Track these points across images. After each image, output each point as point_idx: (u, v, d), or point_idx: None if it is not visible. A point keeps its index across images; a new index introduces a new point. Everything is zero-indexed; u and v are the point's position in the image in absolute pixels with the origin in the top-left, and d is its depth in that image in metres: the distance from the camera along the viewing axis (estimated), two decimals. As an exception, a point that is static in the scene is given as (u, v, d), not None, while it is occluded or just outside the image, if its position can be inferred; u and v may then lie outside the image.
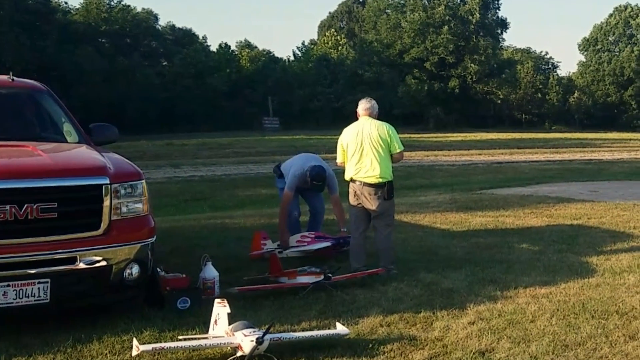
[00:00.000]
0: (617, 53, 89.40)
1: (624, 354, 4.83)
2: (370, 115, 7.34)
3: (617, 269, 7.30)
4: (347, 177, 7.38)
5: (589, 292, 6.40)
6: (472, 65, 69.98)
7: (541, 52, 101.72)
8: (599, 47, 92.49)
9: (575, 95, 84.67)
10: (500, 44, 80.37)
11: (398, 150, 7.21)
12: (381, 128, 7.19)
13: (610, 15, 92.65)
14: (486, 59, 71.20)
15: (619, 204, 12.48)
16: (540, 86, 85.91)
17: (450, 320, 5.57)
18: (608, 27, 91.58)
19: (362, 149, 7.15)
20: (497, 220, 10.88)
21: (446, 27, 69.18)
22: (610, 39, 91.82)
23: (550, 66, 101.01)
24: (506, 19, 77.91)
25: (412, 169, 23.22)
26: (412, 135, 49.95)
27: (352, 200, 7.37)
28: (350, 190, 7.38)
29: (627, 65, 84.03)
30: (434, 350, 4.92)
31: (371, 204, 7.18)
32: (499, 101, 78.24)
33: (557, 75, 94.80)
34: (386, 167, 7.15)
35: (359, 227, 7.38)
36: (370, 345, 4.96)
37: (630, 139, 49.55)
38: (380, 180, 7.12)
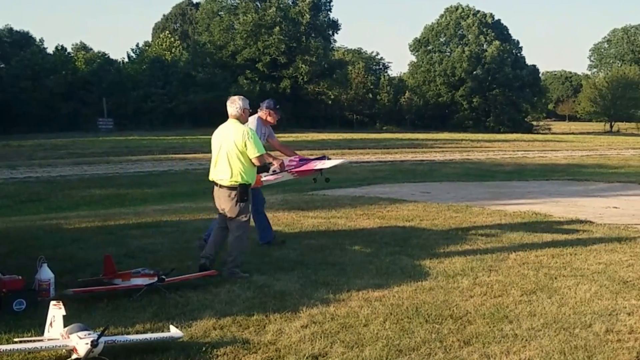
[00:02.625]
0: (448, 53, 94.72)
1: (458, 359, 5.00)
2: (236, 117, 7.68)
3: (451, 272, 7.61)
4: (210, 177, 7.86)
5: (422, 295, 6.62)
6: (304, 65, 73.76)
7: (372, 52, 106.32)
8: (430, 47, 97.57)
9: (407, 95, 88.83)
10: (332, 45, 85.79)
11: (253, 156, 7.51)
12: (237, 133, 7.53)
13: (441, 16, 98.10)
14: (317, 60, 75.28)
15: (451, 206, 13.08)
16: (372, 86, 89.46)
17: (283, 324, 5.72)
18: (439, 27, 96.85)
19: (220, 151, 7.62)
20: (329, 222, 11.09)
21: (277, 28, 73.27)
22: (441, 39, 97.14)
23: (381, 67, 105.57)
24: (337, 20, 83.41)
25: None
26: (243, 136, 50.05)
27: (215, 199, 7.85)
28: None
29: (459, 66, 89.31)
30: (267, 354, 5.06)
31: (224, 205, 7.60)
32: (330, 101, 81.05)
33: (388, 75, 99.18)
34: (240, 170, 7.50)
35: (220, 222, 7.82)
36: (204, 349, 5.13)
37: (462, 140, 52.76)
38: (232, 183, 7.52)
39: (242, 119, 7.71)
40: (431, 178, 20.01)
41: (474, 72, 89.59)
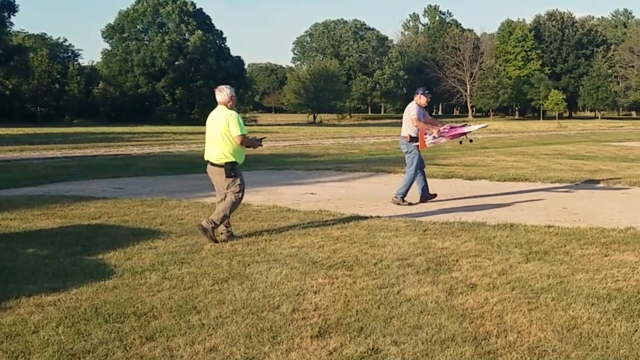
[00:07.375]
0: (147, 42, 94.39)
1: (139, 356, 5.02)
2: (224, 104, 9.33)
3: (139, 268, 7.61)
4: (205, 157, 9.56)
5: (104, 295, 6.54)
6: (-30, 51, 69.22)
7: (59, 39, 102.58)
8: (126, 35, 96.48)
9: (100, 86, 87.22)
10: (9, 29, 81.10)
11: (234, 135, 9.13)
12: (222, 116, 9.25)
13: (138, 2, 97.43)
14: (-10, 45, 71.02)
15: (145, 200, 12.99)
16: (58, 76, 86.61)
17: None
18: (135, 14, 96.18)
19: (209, 133, 9.42)
20: (-1, 225, 10.45)
21: None
22: (138, 27, 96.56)
23: (70, 54, 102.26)
24: (14, 1, 79.22)
25: None
26: None
27: None
28: None
29: (159, 56, 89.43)
30: None
31: (217, 180, 9.45)
32: (8, 92, 77.43)
33: (79, 64, 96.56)
34: (226, 149, 9.20)
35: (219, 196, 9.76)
36: None
37: (163, 132, 53.66)
38: (219, 161, 9.25)
39: (230, 105, 9.30)
40: (126, 173, 19.70)
41: (176, 63, 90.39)
